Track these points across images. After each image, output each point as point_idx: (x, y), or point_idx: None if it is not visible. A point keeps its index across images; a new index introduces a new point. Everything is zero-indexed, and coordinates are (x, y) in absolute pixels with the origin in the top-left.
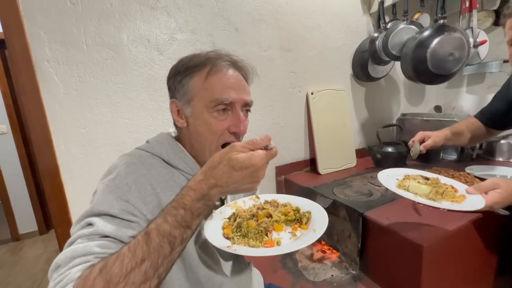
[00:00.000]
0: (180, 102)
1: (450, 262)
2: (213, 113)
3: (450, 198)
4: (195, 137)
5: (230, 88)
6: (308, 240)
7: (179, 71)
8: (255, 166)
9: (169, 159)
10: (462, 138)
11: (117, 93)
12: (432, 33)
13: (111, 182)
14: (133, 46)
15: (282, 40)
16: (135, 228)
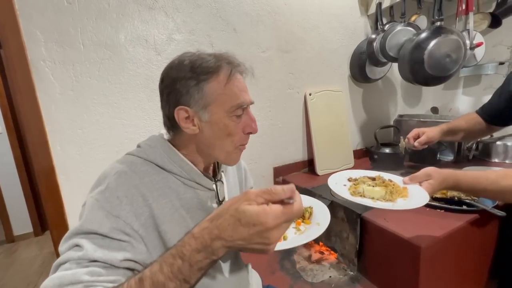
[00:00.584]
0: (193, 108)
1: (447, 262)
2: (232, 117)
3: (399, 194)
4: (211, 141)
5: (243, 92)
6: (313, 233)
7: (190, 75)
8: (265, 225)
9: (163, 164)
10: (460, 134)
11: (114, 94)
12: (429, 35)
13: (101, 195)
14: (130, 46)
15: (280, 41)
16: (126, 249)
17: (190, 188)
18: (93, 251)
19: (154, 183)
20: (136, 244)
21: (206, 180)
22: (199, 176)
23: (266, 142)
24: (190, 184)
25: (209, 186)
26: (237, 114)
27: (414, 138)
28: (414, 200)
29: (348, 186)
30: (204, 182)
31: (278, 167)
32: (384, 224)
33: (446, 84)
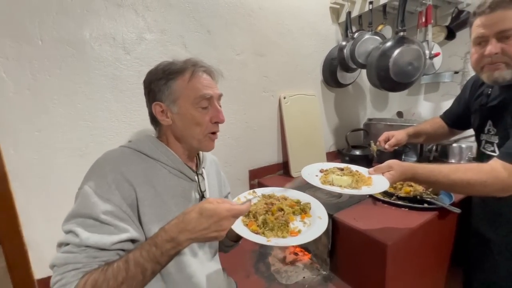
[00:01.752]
0: (165, 103)
1: (411, 257)
2: (198, 108)
3: (364, 183)
4: (182, 131)
5: (208, 87)
6: (321, 226)
7: (161, 76)
8: (219, 215)
9: (152, 153)
10: (425, 136)
11: (78, 94)
12: (393, 44)
13: (93, 182)
14: (96, 44)
15: (255, 44)
16: (114, 233)
17: (174, 177)
18: (86, 239)
19: (139, 170)
20: (124, 225)
21: (188, 171)
22: (182, 166)
23: (241, 145)
24: (174, 172)
25: (192, 177)
26: (203, 106)
27: (385, 141)
28: (376, 187)
29: (320, 177)
30: (187, 172)
31: (253, 169)
32: (353, 223)
33: (410, 90)
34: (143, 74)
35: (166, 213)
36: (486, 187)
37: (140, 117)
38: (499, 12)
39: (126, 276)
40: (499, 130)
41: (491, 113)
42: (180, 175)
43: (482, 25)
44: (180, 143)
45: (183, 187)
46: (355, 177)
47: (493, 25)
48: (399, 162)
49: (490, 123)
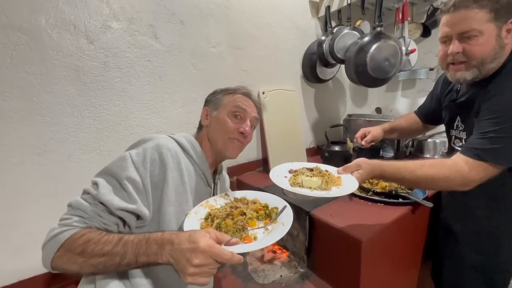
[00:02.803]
0: (210, 108)
1: (385, 252)
2: (231, 117)
3: (334, 183)
4: (213, 132)
5: (245, 105)
6: (279, 233)
7: (217, 91)
8: (197, 244)
9: (188, 149)
10: (400, 132)
11: (34, 86)
12: (371, 39)
13: (136, 151)
14: (54, 31)
15: (232, 37)
16: (126, 200)
17: (197, 176)
18: (102, 195)
19: (175, 157)
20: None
21: (209, 174)
22: (206, 168)
23: None
24: (199, 172)
25: (209, 182)
26: (236, 115)
27: (361, 137)
28: (346, 188)
29: (289, 178)
30: (208, 175)
31: (231, 167)
32: (330, 220)
33: (388, 87)
34: (109, 65)
35: (184, 202)
36: (448, 182)
37: (106, 111)
38: (462, 12)
39: (110, 251)
40: (466, 126)
41: (459, 109)
42: (201, 176)
43: (446, 24)
44: (211, 144)
45: (199, 188)
46: (325, 178)
47: (456, 24)
48: (367, 161)
49: (458, 119)
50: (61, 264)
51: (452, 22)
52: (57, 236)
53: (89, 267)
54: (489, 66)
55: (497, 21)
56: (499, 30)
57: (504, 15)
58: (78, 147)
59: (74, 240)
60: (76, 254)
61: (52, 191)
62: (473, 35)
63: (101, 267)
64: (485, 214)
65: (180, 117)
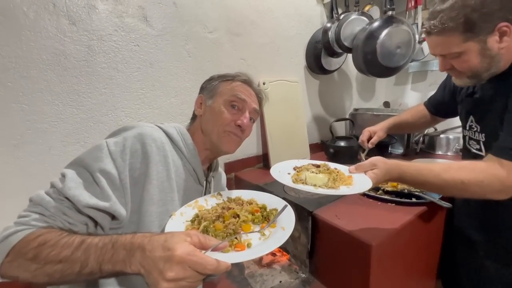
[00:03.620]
0: (205, 97)
1: (397, 259)
2: (227, 107)
3: (343, 182)
4: (207, 122)
5: (244, 94)
6: (278, 239)
7: (213, 77)
8: (172, 252)
9: (177, 141)
10: (406, 127)
11: (8, 70)
12: (381, 24)
13: (114, 139)
14: (30, 10)
15: (230, 22)
16: (97, 196)
17: (187, 172)
18: (67, 189)
19: (161, 150)
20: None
21: (201, 172)
22: (197, 164)
23: None
24: (189, 168)
25: (201, 179)
26: (233, 105)
27: (368, 139)
28: (356, 187)
29: (292, 174)
30: (199, 172)
31: (229, 162)
32: (335, 221)
33: (397, 79)
34: (93, 49)
35: (169, 201)
36: (483, 187)
37: (91, 100)
38: (433, 37)
39: (68, 257)
40: (484, 126)
41: (475, 106)
42: (191, 172)
43: (428, 45)
44: (204, 136)
45: (189, 185)
46: (332, 175)
47: (435, 48)
48: (384, 160)
49: (472, 119)
50: (11, 271)
51: (431, 45)
52: (9, 238)
53: (44, 276)
54: (489, 73)
55: (476, 37)
56: (484, 44)
57: (483, 28)
58: (60, 139)
59: (27, 243)
60: (28, 260)
61: (30, 187)
62: (454, 56)
63: (57, 276)
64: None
65: (173, 107)
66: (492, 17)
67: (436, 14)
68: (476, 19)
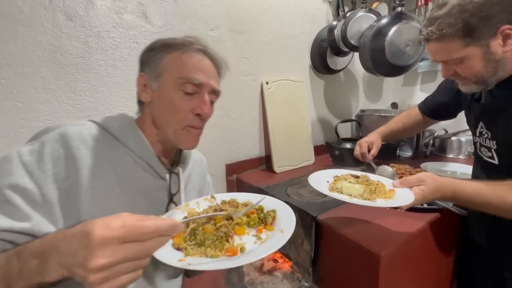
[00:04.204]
0: (148, 76)
1: (408, 269)
2: (179, 91)
3: (382, 195)
4: (159, 114)
5: (201, 71)
6: (276, 243)
7: (155, 47)
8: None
9: (119, 134)
10: (398, 135)
11: (2, 67)
12: (390, 20)
13: (29, 147)
14: (25, 5)
15: (232, 19)
16: (12, 217)
17: (139, 168)
18: None
19: (96, 150)
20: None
21: (159, 165)
22: (152, 158)
23: (216, 136)
24: (141, 163)
25: (162, 174)
26: (186, 91)
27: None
28: (395, 201)
29: (332, 182)
30: (157, 167)
31: (231, 164)
32: (340, 228)
33: (405, 80)
34: (91, 46)
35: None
36: None
37: (88, 98)
38: (433, 44)
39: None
40: (494, 134)
41: (482, 113)
42: (147, 168)
43: (428, 51)
44: (156, 129)
45: (147, 184)
46: (370, 187)
47: (435, 54)
48: (434, 176)
49: (482, 125)
50: None
51: (430, 52)
52: None
53: None
54: (496, 78)
55: (478, 41)
56: (486, 48)
57: (484, 33)
58: None
59: None
60: None
61: None
62: (456, 62)
63: None
64: None
65: None
66: (492, 20)
67: (434, 21)
68: (475, 24)
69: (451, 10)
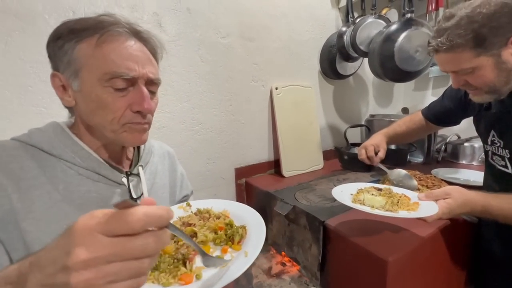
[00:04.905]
0: (64, 75)
1: (417, 275)
2: (107, 88)
3: (405, 207)
4: (89, 117)
5: (130, 60)
6: (235, 270)
7: (61, 34)
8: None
9: (51, 148)
10: (401, 139)
11: (29, 75)
12: (399, 27)
13: None
14: (52, 17)
15: (243, 27)
16: None
17: (87, 180)
18: None
19: (24, 170)
20: None
21: (110, 171)
22: (99, 165)
23: (226, 140)
24: (87, 174)
25: (117, 179)
26: (116, 87)
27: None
28: (418, 213)
29: (354, 194)
30: (108, 173)
31: (240, 168)
32: (348, 233)
33: (417, 85)
34: None
35: None
36: None
37: None
38: (442, 55)
39: None
40: (507, 143)
41: (494, 121)
42: (96, 178)
43: (437, 62)
44: (92, 134)
45: (101, 193)
46: (392, 199)
47: (445, 65)
48: (461, 190)
49: (493, 133)
50: None
51: (440, 62)
52: None
53: None
54: (508, 86)
55: (489, 51)
56: (498, 58)
57: (495, 43)
58: None
59: None
60: None
61: None
62: (467, 72)
63: None
64: None
65: (185, 112)
66: (503, 30)
67: (443, 32)
68: (486, 34)
69: (459, 22)
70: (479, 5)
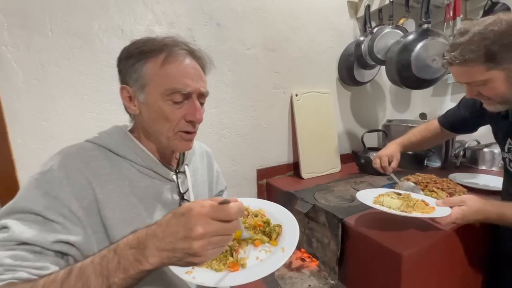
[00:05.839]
0: (132, 88)
1: (432, 272)
2: (168, 101)
3: (420, 210)
4: (149, 124)
5: (187, 78)
6: (275, 262)
7: (131, 54)
8: (190, 212)
9: (118, 149)
10: (416, 147)
11: (85, 85)
12: (416, 37)
13: (41, 175)
14: (104, 36)
15: (266, 39)
16: (60, 231)
17: (145, 177)
18: (20, 232)
19: (102, 168)
20: (72, 226)
21: (164, 169)
22: (155, 164)
23: (249, 143)
24: (146, 172)
25: (168, 176)
26: (175, 100)
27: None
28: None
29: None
30: (162, 171)
31: (261, 169)
32: (365, 230)
33: (435, 91)
34: None
35: (135, 218)
36: None
37: None
38: (456, 67)
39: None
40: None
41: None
42: (153, 175)
43: (452, 73)
44: (148, 138)
45: (157, 188)
46: (407, 202)
47: (459, 76)
48: (475, 198)
49: (510, 141)
50: None
51: (454, 74)
52: None
53: None
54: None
55: (500, 66)
56: (509, 72)
57: (505, 58)
58: None
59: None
60: None
61: None
62: (479, 84)
63: None
64: None
65: (213, 117)
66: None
67: (456, 47)
68: (497, 50)
69: (472, 38)
70: (491, 23)
